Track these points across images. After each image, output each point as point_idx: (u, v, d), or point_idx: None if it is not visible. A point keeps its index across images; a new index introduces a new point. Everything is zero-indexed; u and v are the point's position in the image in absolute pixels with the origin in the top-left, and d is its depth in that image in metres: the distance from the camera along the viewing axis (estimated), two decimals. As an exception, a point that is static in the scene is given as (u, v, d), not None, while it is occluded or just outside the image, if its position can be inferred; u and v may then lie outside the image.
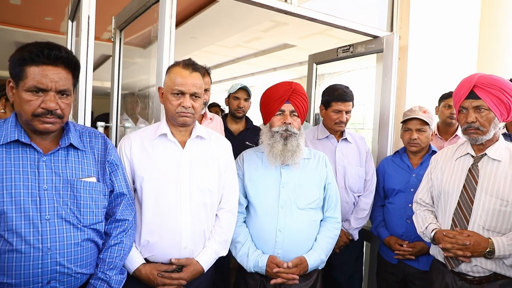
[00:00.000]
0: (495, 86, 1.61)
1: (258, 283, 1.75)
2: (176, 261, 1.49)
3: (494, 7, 3.26)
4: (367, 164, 2.28)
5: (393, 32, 2.71)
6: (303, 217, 1.74)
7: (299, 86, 1.79)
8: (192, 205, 1.52)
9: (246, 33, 6.72)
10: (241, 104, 2.75)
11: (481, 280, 1.61)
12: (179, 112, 1.51)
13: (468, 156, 1.73)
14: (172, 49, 1.78)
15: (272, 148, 1.74)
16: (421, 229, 1.81)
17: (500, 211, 1.58)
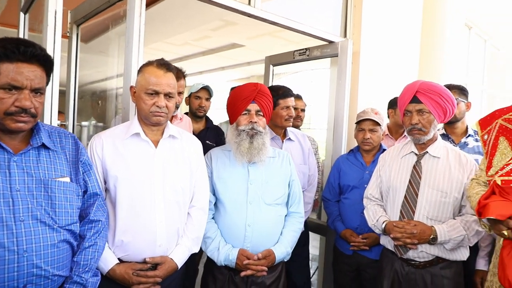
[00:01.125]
0: (434, 91, 1.83)
1: (227, 278, 1.82)
2: (150, 259, 1.52)
3: (433, 19, 3.62)
4: (309, 160, 2.43)
5: (347, 38, 2.90)
6: (270, 212, 1.84)
7: (264, 87, 1.88)
8: (166, 204, 1.55)
9: (195, 31, 6.66)
10: (202, 104, 2.78)
11: (426, 264, 1.82)
12: (153, 112, 1.53)
13: (412, 154, 1.94)
14: (141, 48, 1.79)
15: (239, 146, 1.81)
16: (372, 222, 1.99)
17: (440, 202, 1.80)
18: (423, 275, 1.81)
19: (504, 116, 1.46)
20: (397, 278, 1.88)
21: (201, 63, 9.54)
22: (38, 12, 1.99)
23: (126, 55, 1.80)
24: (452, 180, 1.80)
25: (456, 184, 1.79)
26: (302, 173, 2.38)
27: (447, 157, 1.87)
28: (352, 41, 2.84)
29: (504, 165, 1.33)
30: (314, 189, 2.41)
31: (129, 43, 1.79)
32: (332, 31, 2.90)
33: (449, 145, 1.94)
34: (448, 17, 3.72)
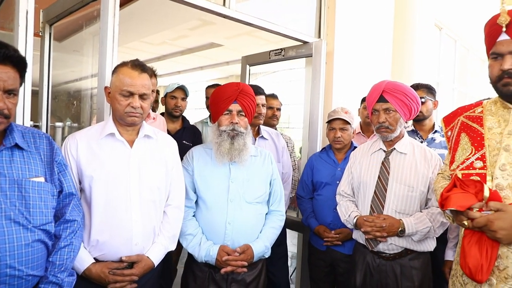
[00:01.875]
0: (399, 91, 1.92)
1: (206, 275, 1.83)
2: (127, 258, 1.53)
3: (404, 20, 3.73)
4: (283, 159, 2.48)
5: (321, 38, 2.97)
6: (250, 210, 1.86)
7: (246, 87, 1.89)
8: (142, 203, 1.57)
9: (172, 30, 6.63)
10: (178, 104, 2.79)
11: (395, 256, 1.90)
12: (128, 112, 1.54)
13: (381, 151, 2.02)
14: (115, 48, 1.79)
15: (219, 147, 1.83)
16: (344, 217, 2.05)
17: (408, 196, 1.88)
18: (393, 266, 1.89)
19: (465, 113, 1.53)
20: (369, 271, 1.95)
21: (179, 62, 9.49)
22: (9, 10, 1.96)
23: (100, 55, 1.80)
24: (418, 175, 1.88)
25: (422, 178, 1.88)
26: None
27: (413, 153, 1.95)
28: (326, 41, 2.91)
29: (464, 159, 1.40)
30: (288, 186, 2.46)
31: (103, 44, 1.79)
32: (307, 32, 2.97)
33: (415, 141, 2.02)
34: (418, 18, 3.85)
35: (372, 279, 1.94)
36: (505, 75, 1.29)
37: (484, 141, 1.38)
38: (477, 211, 1.25)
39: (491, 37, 1.34)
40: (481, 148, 1.37)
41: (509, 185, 1.26)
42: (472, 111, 1.51)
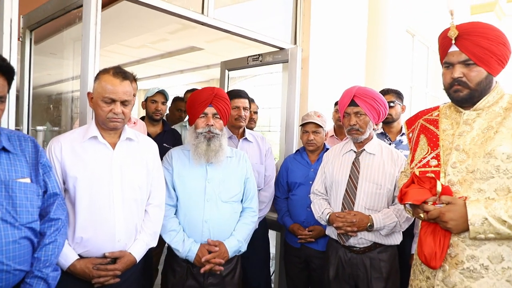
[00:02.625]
0: (369, 96, 2.06)
1: (185, 270, 1.94)
2: (110, 254, 1.60)
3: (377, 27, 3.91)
4: (267, 162, 2.58)
5: (296, 45, 3.10)
6: (226, 209, 1.97)
7: (221, 91, 2.01)
8: (124, 202, 1.65)
9: (152, 34, 6.65)
10: (158, 107, 2.86)
11: (365, 249, 2.03)
12: (110, 118, 1.62)
13: (352, 152, 2.15)
14: (97, 54, 1.87)
15: (196, 148, 1.93)
16: (318, 214, 2.18)
17: (376, 194, 2.02)
18: (363, 259, 2.03)
19: (424, 116, 1.67)
20: (341, 264, 2.08)
21: (159, 66, 9.49)
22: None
23: (83, 60, 1.87)
24: (386, 174, 2.03)
25: (389, 177, 2.02)
26: (257, 172, 2.53)
27: (381, 153, 2.09)
28: (301, 48, 3.04)
29: (421, 158, 1.54)
30: (270, 189, 2.55)
31: (85, 49, 1.86)
32: (283, 39, 3.09)
33: (383, 143, 2.17)
34: (391, 25, 4.04)
35: (344, 272, 2.07)
36: (455, 83, 1.43)
37: (439, 141, 1.52)
38: (431, 205, 1.39)
39: (443, 48, 1.48)
40: (436, 148, 1.51)
41: (459, 181, 1.40)
42: (430, 115, 1.66)
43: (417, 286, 1.56)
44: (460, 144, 1.44)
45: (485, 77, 1.40)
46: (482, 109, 1.44)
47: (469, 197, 1.35)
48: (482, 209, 1.29)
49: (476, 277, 1.34)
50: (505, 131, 1.35)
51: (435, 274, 1.44)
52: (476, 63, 1.39)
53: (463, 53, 1.40)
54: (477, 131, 1.42)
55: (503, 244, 1.32)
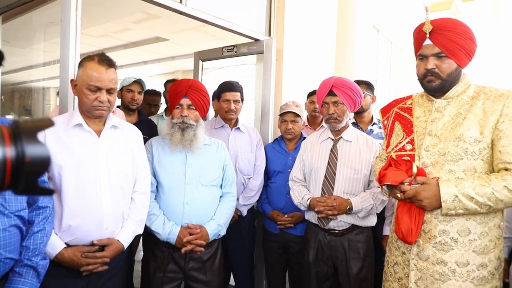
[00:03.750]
0: (346, 86, 2.17)
1: (166, 255, 1.98)
2: (98, 241, 1.61)
3: (345, 22, 4.05)
4: (258, 152, 2.65)
5: (271, 36, 3.16)
6: (206, 192, 2.04)
7: (196, 83, 2.07)
8: (111, 189, 1.65)
9: (115, 23, 6.45)
10: (135, 97, 2.83)
11: (344, 232, 2.15)
12: (95, 106, 1.61)
13: (329, 139, 2.26)
14: (78, 41, 1.83)
15: (172, 137, 2.00)
16: (298, 200, 2.27)
17: (354, 179, 2.14)
18: (342, 241, 2.14)
19: (399, 105, 1.80)
20: (320, 247, 2.19)
21: (121, 56, 9.21)
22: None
23: (63, 46, 1.83)
24: (362, 160, 2.15)
25: (365, 162, 2.14)
26: (247, 160, 2.60)
27: (357, 140, 2.21)
28: (276, 39, 3.10)
29: (397, 143, 1.66)
30: (260, 177, 2.60)
31: (65, 35, 1.82)
32: (258, 30, 3.14)
33: (358, 131, 2.29)
34: (359, 20, 4.20)
35: (324, 254, 2.18)
36: (428, 74, 1.56)
37: (413, 127, 1.64)
38: (407, 185, 1.51)
39: (418, 41, 1.60)
40: (411, 134, 1.64)
41: (432, 163, 1.53)
42: (404, 103, 1.78)
43: (393, 262, 1.69)
44: (432, 129, 1.57)
45: (455, 69, 1.53)
46: (452, 98, 1.58)
47: (441, 177, 1.48)
48: (453, 187, 1.42)
49: (447, 249, 1.48)
50: (472, 117, 1.49)
51: (410, 249, 1.57)
52: (447, 56, 1.51)
53: (436, 47, 1.52)
54: (447, 117, 1.55)
55: (470, 218, 1.46)
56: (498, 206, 1.40)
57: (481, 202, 1.39)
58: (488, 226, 1.47)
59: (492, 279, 1.47)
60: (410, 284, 1.56)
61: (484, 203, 1.39)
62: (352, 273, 2.13)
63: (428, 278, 1.51)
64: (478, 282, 1.45)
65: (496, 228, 1.48)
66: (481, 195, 1.38)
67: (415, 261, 1.55)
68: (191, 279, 2.01)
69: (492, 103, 1.47)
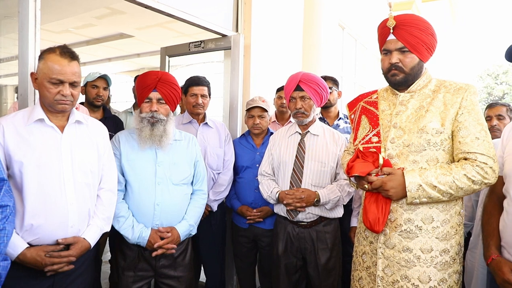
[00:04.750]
0: (313, 81, 2.20)
1: (136, 253, 1.93)
2: (63, 240, 1.54)
3: (312, 19, 4.11)
4: (227, 147, 2.65)
5: (239, 32, 3.16)
6: (177, 191, 1.99)
7: (166, 75, 1.99)
8: (76, 186, 1.59)
9: (76, 18, 6.25)
10: (100, 93, 2.75)
11: (312, 223, 2.19)
12: (57, 100, 1.55)
13: (297, 134, 2.29)
14: (38, 33, 1.75)
15: (141, 133, 1.93)
16: (267, 194, 2.29)
17: (321, 171, 2.18)
18: (310, 233, 2.18)
19: (365, 99, 1.85)
20: (289, 239, 2.22)
21: (84, 53, 8.90)
22: None
23: (21, 39, 1.74)
24: (329, 153, 2.19)
25: (332, 155, 2.19)
26: (216, 155, 2.59)
27: (324, 134, 2.26)
28: (243, 35, 3.10)
29: (364, 136, 1.71)
30: (229, 173, 2.60)
31: (23, 27, 1.73)
32: (226, 26, 3.12)
33: (324, 125, 2.34)
34: (325, 17, 4.27)
35: (293, 246, 2.21)
36: (392, 67, 1.61)
37: (379, 120, 1.69)
38: (374, 176, 1.56)
39: (382, 36, 1.65)
40: (377, 127, 1.69)
41: (397, 154, 1.58)
42: (369, 97, 1.83)
43: (361, 251, 1.73)
44: (397, 122, 1.62)
45: (417, 63, 1.59)
46: (415, 91, 1.64)
47: (406, 167, 1.54)
48: (417, 177, 1.48)
49: (412, 237, 1.54)
50: (434, 110, 1.55)
51: (377, 239, 1.63)
52: (410, 50, 1.57)
53: (399, 41, 1.58)
54: (411, 110, 1.61)
55: (433, 207, 1.53)
56: (458, 194, 1.47)
57: (443, 191, 1.45)
58: (450, 213, 1.54)
59: (453, 264, 1.54)
60: (378, 272, 1.61)
61: (446, 191, 1.46)
62: (320, 263, 2.17)
63: (394, 266, 1.57)
64: (441, 267, 1.52)
65: (457, 215, 1.56)
66: (443, 184, 1.45)
67: (382, 250, 1.60)
68: (162, 276, 1.98)
69: (452, 96, 1.54)
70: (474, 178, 1.44)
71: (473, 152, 1.46)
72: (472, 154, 1.46)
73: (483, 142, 1.47)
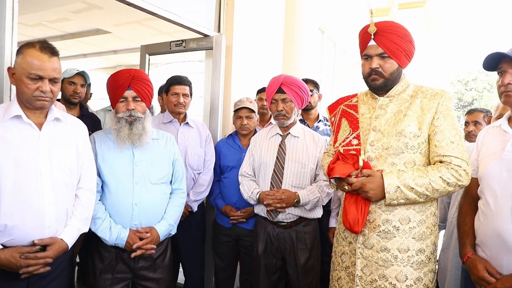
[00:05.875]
0: (295, 84, 2.23)
1: (114, 255, 1.90)
2: (39, 241, 1.50)
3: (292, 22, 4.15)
4: (208, 147, 2.64)
5: (221, 33, 3.15)
6: (156, 191, 1.97)
7: (139, 72, 1.97)
8: (54, 185, 1.55)
9: (51, 11, 6.06)
10: (77, 90, 2.68)
11: (291, 224, 2.21)
12: (36, 96, 1.51)
13: (278, 135, 2.32)
14: (15, 26, 1.70)
15: (119, 133, 1.90)
16: (247, 194, 2.30)
17: (301, 172, 2.21)
18: (290, 233, 2.21)
19: (345, 102, 1.89)
20: (269, 239, 2.24)
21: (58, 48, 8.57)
22: None
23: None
24: (309, 154, 2.23)
25: (312, 157, 2.22)
26: (197, 155, 2.58)
27: (304, 136, 2.29)
28: (226, 36, 3.10)
29: (344, 138, 1.75)
30: (210, 173, 2.59)
31: (0, 19, 1.68)
32: (208, 26, 3.11)
33: (305, 127, 2.38)
34: (305, 20, 4.32)
35: (273, 246, 2.23)
36: (373, 72, 1.65)
37: (359, 124, 1.74)
38: (354, 178, 1.60)
39: (363, 42, 1.69)
40: (357, 130, 1.73)
41: (376, 156, 1.62)
42: (349, 101, 1.87)
43: (341, 252, 1.77)
44: (376, 125, 1.67)
45: (396, 69, 1.64)
46: (394, 96, 1.69)
47: (384, 170, 1.59)
48: (395, 179, 1.52)
49: (389, 237, 1.58)
50: (412, 114, 1.61)
51: (356, 239, 1.66)
52: (390, 56, 1.62)
53: (380, 47, 1.62)
54: (390, 114, 1.66)
55: (410, 208, 1.58)
56: (434, 195, 1.53)
57: (420, 192, 1.51)
58: (426, 214, 1.59)
59: (428, 263, 1.60)
60: (356, 271, 1.65)
61: (422, 192, 1.51)
62: (300, 263, 2.20)
63: (373, 265, 1.61)
64: (417, 266, 1.57)
65: (432, 216, 1.61)
66: (420, 186, 1.50)
67: (361, 250, 1.64)
68: (140, 278, 1.95)
69: (428, 101, 1.60)
70: (449, 180, 1.50)
71: (448, 155, 1.52)
72: (447, 157, 1.52)
73: (458, 146, 1.53)
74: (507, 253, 1.44)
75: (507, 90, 1.50)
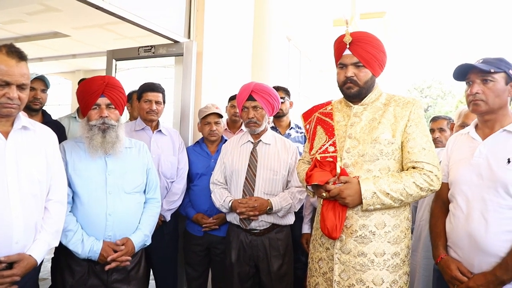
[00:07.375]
0: (265, 91, 2.26)
1: (86, 269, 1.82)
2: (6, 258, 1.41)
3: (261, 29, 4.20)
4: (181, 154, 2.60)
5: (191, 39, 3.12)
6: (130, 200, 1.91)
7: (113, 79, 1.94)
8: (22, 198, 1.47)
9: (4, 12, 5.77)
10: (38, 96, 2.54)
11: (264, 231, 2.22)
12: (3, 103, 1.43)
13: (249, 143, 2.32)
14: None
15: (91, 141, 1.83)
16: (219, 203, 2.28)
17: (273, 179, 2.22)
18: (263, 240, 2.21)
19: (320, 110, 1.92)
20: (242, 247, 2.23)
21: (12, 51, 8.21)
22: None
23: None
24: (281, 161, 2.24)
25: (283, 164, 2.24)
26: (170, 163, 2.53)
27: (276, 143, 2.31)
28: (196, 42, 3.08)
29: (321, 145, 1.78)
30: (183, 181, 2.55)
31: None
32: (178, 32, 3.08)
33: (276, 134, 2.41)
34: (273, 28, 4.39)
35: (246, 254, 2.22)
36: (348, 81, 1.70)
37: (335, 131, 1.77)
38: (332, 184, 1.63)
39: (339, 51, 1.74)
40: (333, 137, 1.76)
41: (352, 163, 1.66)
42: (324, 109, 1.91)
43: (318, 258, 1.79)
44: (352, 133, 1.71)
45: (370, 78, 1.70)
46: (368, 104, 1.74)
47: (361, 176, 1.63)
48: (371, 185, 1.57)
49: (366, 242, 1.62)
50: (385, 121, 1.67)
51: (333, 245, 1.69)
52: (364, 65, 1.67)
53: (355, 57, 1.67)
54: (364, 121, 1.71)
55: (385, 213, 1.63)
56: (408, 200, 1.59)
57: (395, 197, 1.56)
58: (400, 218, 1.65)
59: (403, 266, 1.65)
60: (334, 277, 1.67)
61: (397, 198, 1.56)
62: (273, 270, 2.21)
63: (350, 270, 1.64)
64: (393, 269, 1.62)
65: (406, 220, 1.67)
66: (395, 191, 1.55)
67: (339, 255, 1.67)
68: None
69: (401, 110, 1.67)
70: (422, 185, 1.57)
71: (421, 161, 1.58)
72: (420, 163, 1.58)
73: (429, 152, 1.60)
74: (478, 254, 1.52)
75: (475, 99, 1.60)
